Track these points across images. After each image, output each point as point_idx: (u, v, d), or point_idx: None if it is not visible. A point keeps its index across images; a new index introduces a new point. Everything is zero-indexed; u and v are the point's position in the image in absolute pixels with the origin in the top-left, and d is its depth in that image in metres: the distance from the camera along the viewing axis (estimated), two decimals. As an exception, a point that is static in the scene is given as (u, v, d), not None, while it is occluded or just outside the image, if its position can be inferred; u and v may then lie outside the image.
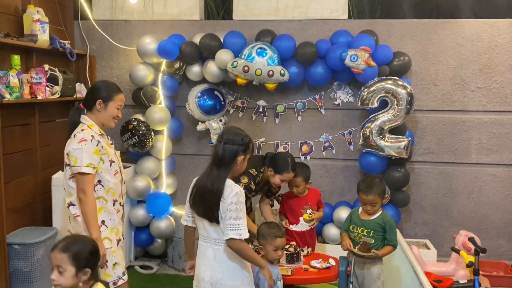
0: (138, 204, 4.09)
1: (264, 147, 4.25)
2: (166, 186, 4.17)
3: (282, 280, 2.62)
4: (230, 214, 2.22)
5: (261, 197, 3.48)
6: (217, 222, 2.26)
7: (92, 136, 2.55)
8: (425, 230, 4.26)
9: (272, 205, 3.57)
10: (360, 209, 2.94)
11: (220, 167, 2.31)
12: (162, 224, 3.99)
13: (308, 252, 3.17)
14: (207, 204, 2.28)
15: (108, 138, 2.72)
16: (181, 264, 4.03)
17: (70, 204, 2.57)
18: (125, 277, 2.73)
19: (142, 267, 4.13)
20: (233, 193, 2.25)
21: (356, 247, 2.81)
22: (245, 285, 2.35)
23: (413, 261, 3.17)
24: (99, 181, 2.57)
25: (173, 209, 4.15)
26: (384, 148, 3.78)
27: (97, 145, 2.54)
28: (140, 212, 4.01)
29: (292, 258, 2.96)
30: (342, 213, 3.96)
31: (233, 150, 2.33)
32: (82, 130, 2.56)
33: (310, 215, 3.28)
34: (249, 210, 3.45)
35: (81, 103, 2.70)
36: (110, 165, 2.61)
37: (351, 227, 2.92)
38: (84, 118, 2.63)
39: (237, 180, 2.63)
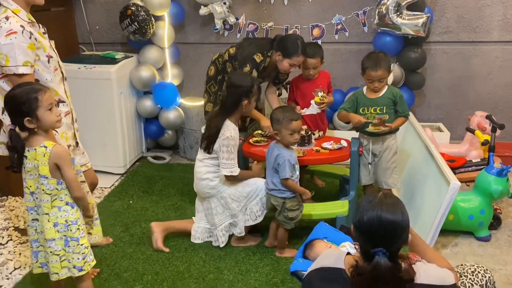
0: (145, 95, 4.01)
1: (272, 32, 4.01)
2: (171, 76, 4.04)
3: (298, 164, 2.61)
4: (222, 155, 2.57)
5: (267, 86, 3.34)
6: (209, 152, 2.64)
7: (22, 26, 2.09)
8: (439, 113, 4.17)
9: (279, 94, 3.46)
10: (365, 89, 2.84)
11: (224, 110, 2.62)
12: (171, 115, 3.93)
13: (319, 135, 3.12)
14: (207, 137, 2.65)
15: (39, 27, 2.26)
16: (193, 154, 4.04)
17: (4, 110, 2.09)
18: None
19: (154, 158, 4.18)
20: (223, 137, 2.55)
21: (371, 125, 2.76)
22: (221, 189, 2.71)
23: (426, 139, 3.13)
24: (37, 81, 2.18)
25: (181, 100, 4.07)
26: (400, 27, 3.54)
27: (30, 38, 2.10)
28: (148, 103, 3.94)
29: (303, 140, 2.92)
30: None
31: (237, 95, 2.58)
32: (6, 19, 2.07)
33: (322, 98, 3.17)
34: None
35: None
36: (48, 61, 2.21)
37: (361, 110, 2.84)
38: (6, 0, 2.13)
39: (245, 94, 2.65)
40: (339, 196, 3.25)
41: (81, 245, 2.04)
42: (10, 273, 2.55)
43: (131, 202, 3.36)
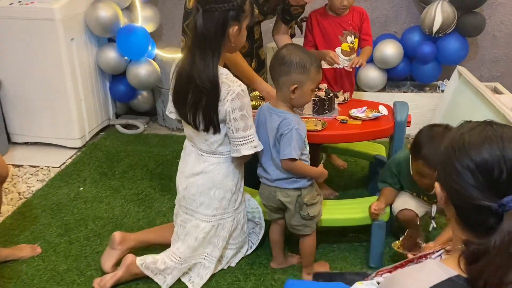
0: (109, 43, 3.02)
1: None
2: (143, 19, 3.04)
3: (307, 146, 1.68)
4: (236, 125, 1.59)
5: (275, 25, 2.34)
6: (216, 130, 1.62)
7: None
8: (495, 70, 3.19)
9: (293, 35, 2.44)
10: (411, 169, 1.74)
11: (204, 50, 1.54)
12: (142, 71, 2.96)
13: (345, 98, 2.16)
14: (196, 108, 1.59)
15: None
16: (175, 122, 3.11)
17: None
18: None
19: (126, 126, 3.25)
20: (233, 94, 1.56)
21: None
22: (222, 213, 1.75)
23: (504, 108, 2.17)
24: None
25: (156, 51, 3.09)
26: None
27: None
28: (111, 55, 2.95)
29: (322, 106, 1.96)
30: (386, 50, 2.91)
31: (220, 19, 1.54)
32: None
33: (352, 44, 2.20)
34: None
35: None
36: None
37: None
38: None
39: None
40: (368, 187, 2.32)
41: None
42: None
43: (81, 189, 2.45)
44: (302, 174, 1.65)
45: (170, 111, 1.75)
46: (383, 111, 1.97)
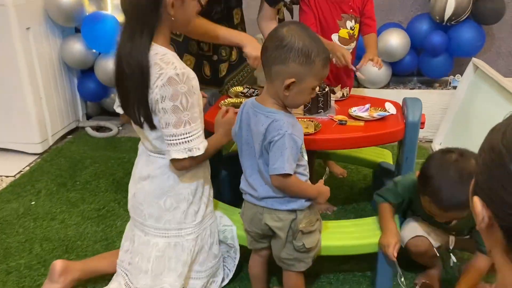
0: (76, 34, 2.65)
1: None
2: (113, 7, 2.67)
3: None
4: (166, 118, 1.24)
5: (259, 9, 1.95)
6: (152, 125, 1.28)
7: None
8: (513, 63, 2.84)
9: (281, 20, 2.06)
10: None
11: (133, 28, 1.22)
12: (112, 65, 2.57)
13: (344, 94, 1.80)
14: (126, 96, 1.28)
15: None
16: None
17: None
18: None
19: (97, 129, 2.88)
20: (164, 79, 1.21)
21: None
22: (177, 227, 1.39)
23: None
24: None
25: (130, 42, 2.72)
26: None
27: None
28: (76, 47, 2.59)
29: (316, 103, 1.60)
30: (391, 40, 2.56)
31: None
32: None
33: (352, 31, 1.84)
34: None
35: None
36: None
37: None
38: None
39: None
40: (372, 200, 1.95)
41: None
42: None
43: (33, 203, 2.08)
44: (297, 193, 1.27)
45: (118, 105, 1.39)
46: (391, 109, 1.61)
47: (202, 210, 1.42)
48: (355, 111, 1.60)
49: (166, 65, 1.21)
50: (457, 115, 2.50)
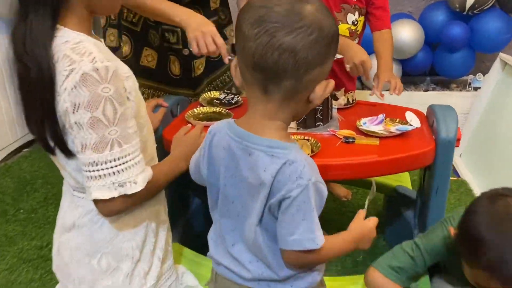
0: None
1: None
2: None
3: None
4: (81, 137, 0.80)
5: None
6: (65, 149, 0.83)
7: None
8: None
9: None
10: (465, 271, 0.93)
11: (26, 8, 0.78)
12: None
13: (349, 100, 1.40)
14: (27, 106, 0.84)
15: None
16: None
17: None
18: None
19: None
20: (76, 77, 0.76)
21: None
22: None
23: None
24: None
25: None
26: None
27: None
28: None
29: (313, 114, 1.20)
30: (401, 32, 2.16)
31: None
32: None
33: (355, 26, 1.45)
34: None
35: None
36: None
37: None
38: None
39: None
40: (385, 233, 1.55)
41: None
42: None
43: (-41, 239, 1.67)
44: (326, 261, 0.83)
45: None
46: (413, 121, 1.20)
47: (156, 268, 1.00)
48: (366, 123, 1.19)
49: (80, 57, 0.78)
50: (481, 122, 2.11)
